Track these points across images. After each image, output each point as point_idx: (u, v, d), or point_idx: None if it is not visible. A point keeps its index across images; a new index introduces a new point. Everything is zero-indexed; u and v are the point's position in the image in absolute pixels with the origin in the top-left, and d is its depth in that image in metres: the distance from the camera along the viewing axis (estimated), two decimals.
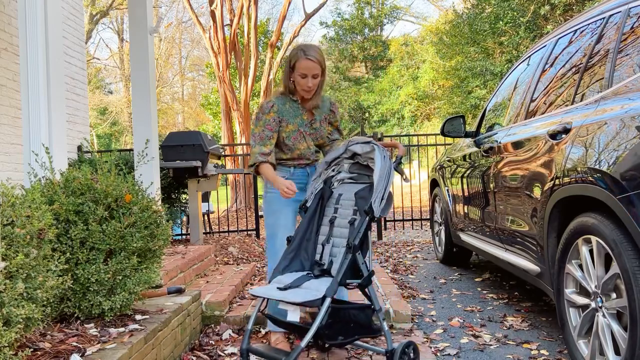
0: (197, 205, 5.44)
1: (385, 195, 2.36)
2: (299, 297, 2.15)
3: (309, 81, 2.60)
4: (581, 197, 2.27)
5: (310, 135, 2.78)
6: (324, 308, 2.07)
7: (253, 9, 14.02)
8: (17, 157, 5.07)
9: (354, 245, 2.27)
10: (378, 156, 2.44)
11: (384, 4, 27.93)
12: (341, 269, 2.22)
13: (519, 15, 13.00)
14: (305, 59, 2.57)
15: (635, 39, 2.24)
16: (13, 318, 1.57)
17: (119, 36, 28.80)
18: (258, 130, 2.68)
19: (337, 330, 2.28)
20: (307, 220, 2.56)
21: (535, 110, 3.05)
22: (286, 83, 2.70)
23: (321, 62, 2.61)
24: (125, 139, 28.68)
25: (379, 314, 2.31)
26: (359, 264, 2.28)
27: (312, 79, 2.61)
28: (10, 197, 1.82)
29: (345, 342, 2.32)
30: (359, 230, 2.31)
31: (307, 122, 2.76)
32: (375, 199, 2.34)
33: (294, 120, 2.72)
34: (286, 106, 2.71)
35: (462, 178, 4.18)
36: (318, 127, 2.79)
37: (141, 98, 4.31)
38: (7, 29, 5.06)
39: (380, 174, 2.39)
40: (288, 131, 2.71)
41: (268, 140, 2.66)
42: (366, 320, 2.37)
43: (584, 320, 2.23)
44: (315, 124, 2.78)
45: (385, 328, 2.30)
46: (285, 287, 2.25)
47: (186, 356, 2.67)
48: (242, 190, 13.64)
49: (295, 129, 2.72)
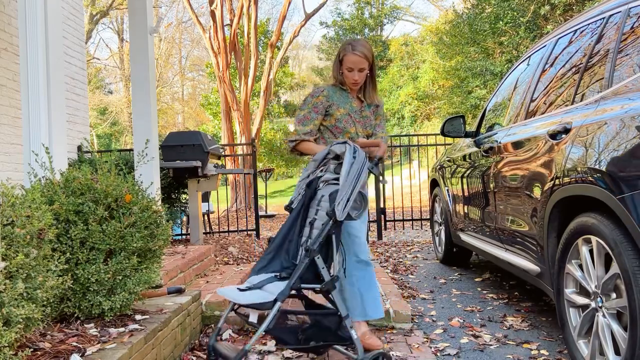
0: (197, 205, 5.44)
1: (352, 197, 2.30)
2: (251, 299, 2.13)
3: (355, 74, 2.76)
4: (581, 197, 2.27)
5: (359, 123, 2.86)
6: (272, 311, 2.06)
7: (253, 9, 14.02)
8: (17, 157, 5.07)
9: (311, 249, 2.22)
10: (347, 156, 2.40)
11: (384, 4, 27.95)
12: (296, 273, 2.19)
13: (519, 15, 13.00)
14: (352, 53, 2.73)
15: (635, 39, 2.24)
16: (13, 318, 1.57)
17: (119, 36, 28.81)
18: (303, 113, 2.82)
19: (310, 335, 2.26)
20: (291, 220, 2.52)
21: (535, 110, 3.05)
22: (335, 75, 2.85)
23: (368, 56, 2.74)
24: (125, 139, 28.68)
25: (345, 322, 2.26)
26: (318, 268, 2.22)
27: (359, 73, 2.76)
28: (10, 197, 1.82)
29: (317, 347, 2.30)
30: (319, 234, 2.28)
31: (357, 109, 2.86)
32: (339, 201, 2.30)
33: (345, 106, 2.83)
34: (337, 94, 2.85)
35: (462, 178, 4.19)
36: (367, 115, 2.89)
37: (141, 98, 4.31)
38: (7, 29, 5.06)
39: (345, 175, 2.34)
40: (339, 114, 2.81)
41: (311, 122, 2.80)
42: (331, 326, 2.31)
43: (584, 320, 2.23)
44: (364, 112, 2.88)
45: (354, 336, 2.25)
46: (246, 288, 2.22)
47: (186, 356, 2.67)
48: (242, 190, 13.65)
49: (346, 113, 2.82)
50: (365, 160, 2.41)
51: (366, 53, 2.74)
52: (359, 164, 2.39)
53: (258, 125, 14.81)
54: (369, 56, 2.76)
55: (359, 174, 2.37)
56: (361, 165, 2.39)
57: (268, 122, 23.64)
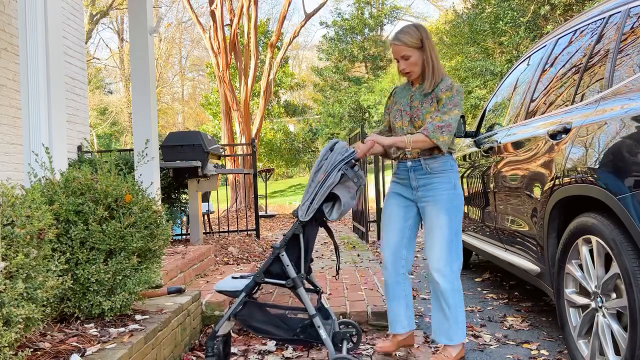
0: (197, 205, 5.44)
1: (317, 198, 2.31)
2: (223, 286, 2.42)
3: (401, 64, 2.56)
4: (581, 197, 2.27)
5: (408, 114, 2.58)
6: (237, 300, 2.34)
7: (253, 9, 14.01)
8: (17, 157, 5.07)
9: (274, 246, 2.37)
10: (320, 155, 2.42)
11: (384, 4, 27.95)
12: (262, 268, 2.37)
13: (519, 15, 13.00)
14: (392, 44, 2.56)
15: (635, 39, 2.24)
16: (13, 318, 1.57)
17: (119, 36, 28.82)
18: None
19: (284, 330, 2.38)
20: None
21: (535, 110, 3.05)
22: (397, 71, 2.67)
23: (407, 41, 2.50)
24: (125, 139, 28.68)
25: (313, 320, 2.30)
26: (283, 265, 2.35)
27: (404, 61, 2.54)
28: (10, 197, 1.82)
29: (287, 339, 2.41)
30: (287, 233, 2.37)
31: (409, 101, 2.61)
32: (303, 202, 2.35)
33: (401, 100, 2.65)
34: (402, 90, 2.69)
35: (462, 178, 4.19)
36: (416, 105, 2.56)
37: (141, 98, 4.31)
38: (7, 29, 5.06)
39: (312, 175, 2.38)
40: (394, 110, 2.66)
41: (382, 123, 2.77)
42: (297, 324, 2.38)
43: (584, 320, 2.23)
44: (414, 102, 2.58)
45: (322, 336, 2.27)
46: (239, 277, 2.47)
47: (186, 356, 2.67)
48: (242, 190, 13.64)
49: (398, 108, 2.65)
50: (338, 160, 2.34)
51: (403, 39, 2.50)
52: (330, 165, 2.35)
53: (258, 126, 14.81)
54: (409, 41, 2.49)
55: (328, 175, 2.33)
56: (333, 167, 2.34)
57: (268, 122, 23.65)
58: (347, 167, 2.34)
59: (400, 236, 2.62)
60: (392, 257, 2.63)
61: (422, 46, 2.51)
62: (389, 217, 2.65)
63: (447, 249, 2.45)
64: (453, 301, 2.46)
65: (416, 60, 2.52)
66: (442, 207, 2.46)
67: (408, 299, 2.66)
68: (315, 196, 2.32)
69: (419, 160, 2.52)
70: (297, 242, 2.35)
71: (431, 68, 2.52)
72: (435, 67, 2.52)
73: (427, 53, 2.52)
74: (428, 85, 2.52)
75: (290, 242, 2.35)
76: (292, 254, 2.35)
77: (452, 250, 2.46)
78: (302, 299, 2.32)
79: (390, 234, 2.64)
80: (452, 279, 2.46)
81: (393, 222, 2.63)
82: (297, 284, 2.33)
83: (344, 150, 2.39)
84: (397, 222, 2.62)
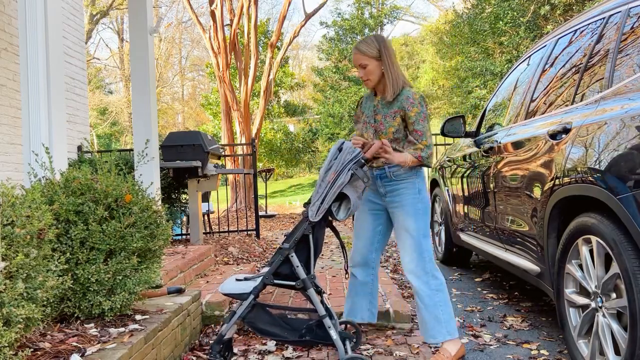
0: (197, 205, 5.44)
1: (327, 198, 2.33)
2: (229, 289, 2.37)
3: (359, 72, 2.62)
4: (581, 197, 2.27)
5: (372, 127, 2.63)
6: (245, 303, 2.29)
7: (253, 9, 14.01)
8: (17, 157, 5.07)
9: (282, 247, 2.35)
10: (328, 155, 2.44)
11: (384, 4, 27.93)
12: (271, 269, 2.34)
13: (519, 15, 13.00)
14: (352, 52, 2.63)
15: (635, 39, 2.24)
16: (13, 318, 1.57)
17: (119, 36, 28.81)
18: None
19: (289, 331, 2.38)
20: None
21: (535, 110, 3.05)
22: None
23: (363, 50, 2.54)
24: (125, 139, 28.67)
25: (324, 321, 2.31)
26: (292, 267, 2.34)
27: (362, 69, 2.59)
28: (10, 197, 1.82)
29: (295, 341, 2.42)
30: (294, 233, 2.36)
31: (373, 113, 2.66)
32: (313, 202, 2.36)
33: (367, 112, 2.70)
34: (367, 101, 2.73)
35: (462, 178, 4.19)
36: (379, 119, 2.60)
37: (141, 98, 4.31)
38: (7, 29, 5.06)
39: (322, 175, 2.40)
40: (363, 121, 2.72)
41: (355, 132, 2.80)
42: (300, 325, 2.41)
43: (584, 320, 2.23)
44: (377, 115, 2.62)
45: (333, 336, 2.28)
46: (243, 279, 2.41)
47: (186, 356, 2.67)
48: (242, 190, 13.64)
49: (364, 120, 2.70)
50: (347, 160, 2.36)
51: (361, 48, 2.54)
52: (340, 166, 2.36)
53: (258, 126, 14.81)
54: (367, 50, 2.53)
55: (338, 175, 2.35)
56: (342, 167, 2.36)
57: (268, 122, 23.63)
58: (356, 167, 2.37)
59: (370, 242, 2.75)
60: (362, 261, 2.77)
61: (380, 56, 2.55)
62: (360, 225, 2.76)
63: (417, 251, 2.53)
64: (430, 301, 2.51)
65: (373, 69, 2.56)
66: (408, 211, 2.55)
67: (373, 295, 2.79)
68: (325, 196, 2.34)
69: (384, 169, 2.60)
70: (307, 242, 2.35)
71: (390, 78, 2.56)
72: (394, 78, 2.56)
73: (385, 63, 2.56)
74: (389, 95, 2.57)
75: (299, 242, 2.35)
76: (301, 254, 2.35)
77: (422, 252, 2.54)
78: (313, 300, 2.32)
79: (359, 242, 2.76)
80: (427, 280, 2.53)
81: (362, 231, 2.75)
82: (307, 285, 2.32)
83: (352, 150, 2.41)
84: (366, 231, 2.74)
